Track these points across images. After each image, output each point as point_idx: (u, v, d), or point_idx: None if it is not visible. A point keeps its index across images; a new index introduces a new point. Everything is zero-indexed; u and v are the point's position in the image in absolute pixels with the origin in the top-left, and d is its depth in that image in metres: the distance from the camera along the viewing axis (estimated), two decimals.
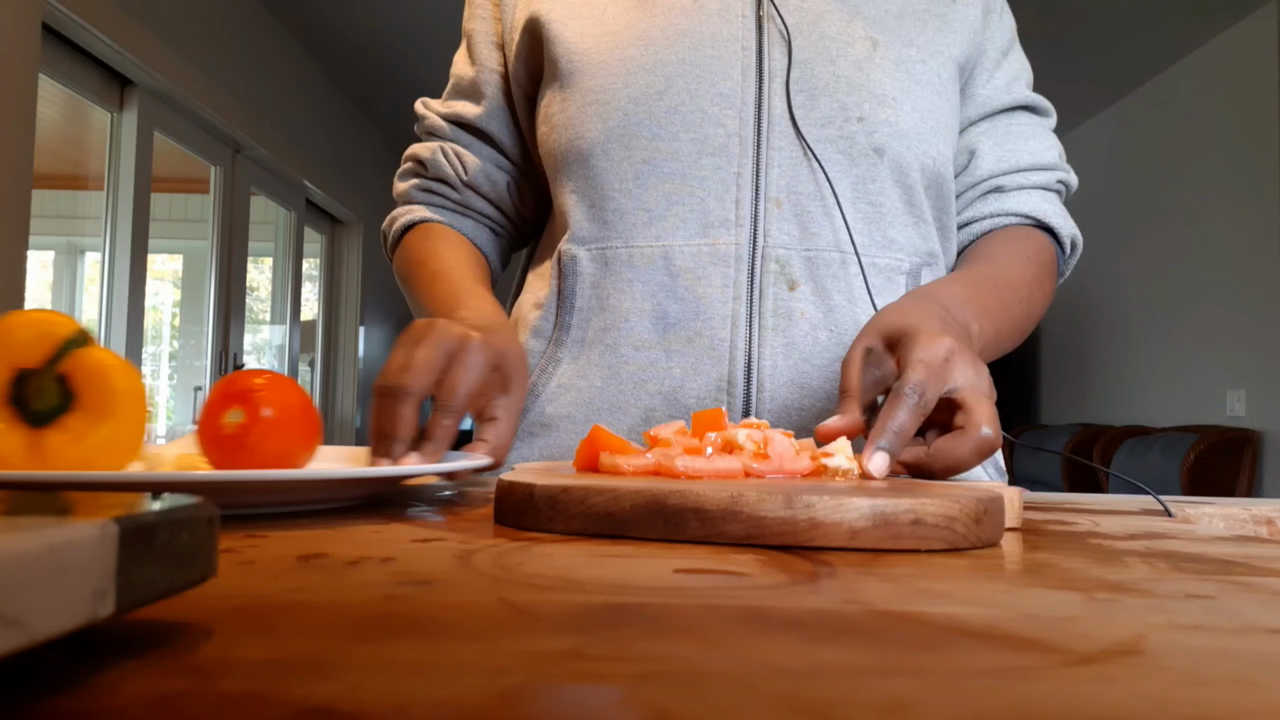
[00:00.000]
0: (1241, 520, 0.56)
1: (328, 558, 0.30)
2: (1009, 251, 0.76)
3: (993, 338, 0.67)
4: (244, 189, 3.60)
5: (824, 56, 0.70)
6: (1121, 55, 4.03)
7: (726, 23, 0.71)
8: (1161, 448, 3.61)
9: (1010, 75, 0.80)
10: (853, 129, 0.70)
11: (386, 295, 5.30)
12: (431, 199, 0.84)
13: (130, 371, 0.44)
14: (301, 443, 0.48)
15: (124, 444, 0.43)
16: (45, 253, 3.46)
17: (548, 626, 0.21)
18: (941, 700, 0.16)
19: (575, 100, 0.72)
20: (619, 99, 0.71)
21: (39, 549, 0.14)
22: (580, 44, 0.73)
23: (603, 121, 0.71)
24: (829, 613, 0.23)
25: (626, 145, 0.70)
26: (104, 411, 0.43)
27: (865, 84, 0.70)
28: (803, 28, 0.71)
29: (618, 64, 0.71)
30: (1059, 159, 0.80)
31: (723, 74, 0.70)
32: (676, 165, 0.70)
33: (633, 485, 0.36)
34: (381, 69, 4.27)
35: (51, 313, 0.43)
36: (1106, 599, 0.26)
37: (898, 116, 0.70)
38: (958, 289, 0.65)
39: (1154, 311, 4.29)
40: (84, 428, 0.42)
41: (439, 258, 0.77)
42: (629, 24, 0.72)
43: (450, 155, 0.82)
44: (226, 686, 0.16)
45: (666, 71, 0.70)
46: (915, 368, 0.50)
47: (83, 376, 0.43)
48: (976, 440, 0.48)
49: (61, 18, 2.39)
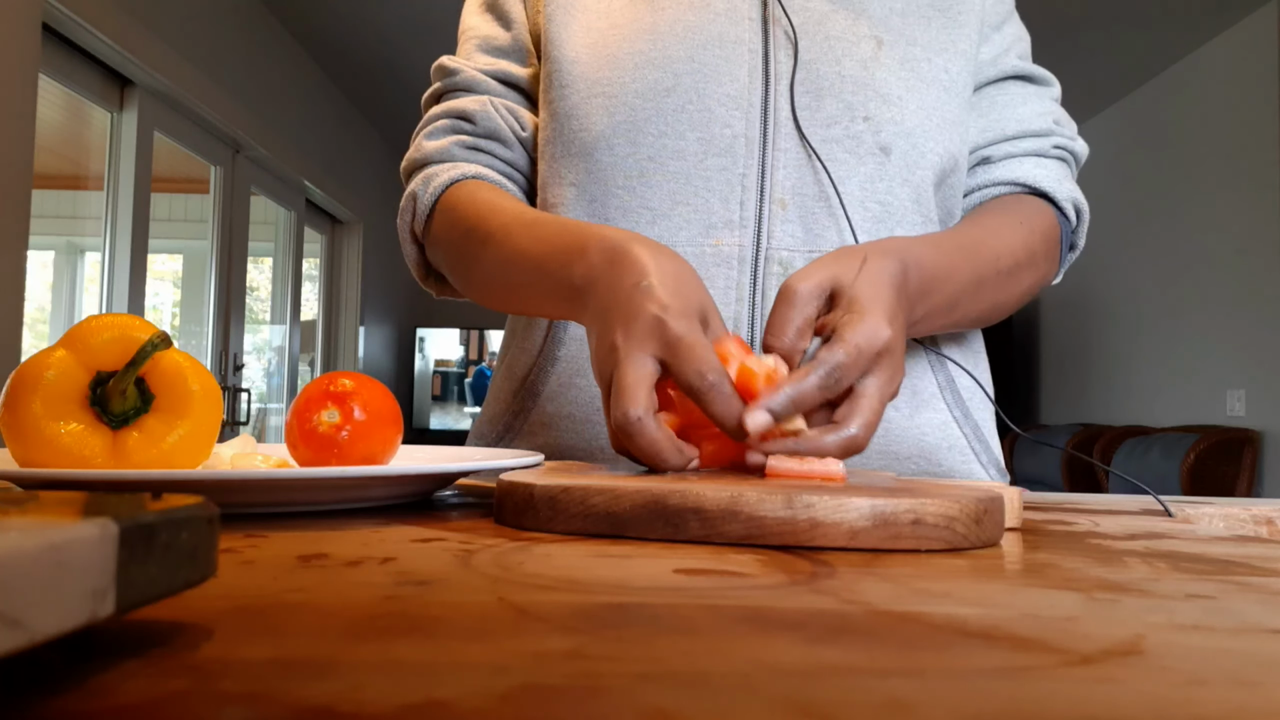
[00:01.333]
0: (1241, 520, 0.56)
1: (328, 558, 0.30)
2: (996, 217, 0.71)
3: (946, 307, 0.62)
4: (244, 189, 3.60)
5: (829, 57, 0.70)
6: (1122, 55, 4.03)
7: (733, 24, 0.71)
8: (1161, 448, 3.61)
9: (999, 48, 0.77)
10: (859, 128, 0.69)
11: (386, 295, 5.29)
12: (479, 157, 0.75)
13: (204, 374, 0.45)
14: (388, 443, 0.51)
15: (199, 444, 0.45)
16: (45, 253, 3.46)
17: (548, 626, 0.21)
18: (941, 700, 0.16)
19: (579, 90, 0.71)
20: (626, 93, 0.70)
21: (39, 549, 0.14)
22: (586, 36, 0.72)
23: (609, 115, 0.70)
24: (829, 613, 0.23)
25: (632, 141, 0.69)
26: (180, 413, 0.44)
27: (870, 83, 0.70)
28: (807, 28, 0.71)
29: (626, 58, 0.70)
30: (1056, 125, 0.76)
31: (729, 75, 0.69)
32: (682, 164, 0.69)
33: (633, 485, 0.36)
34: (381, 69, 4.27)
35: (130, 317, 0.44)
36: (1106, 599, 0.26)
37: (904, 115, 0.70)
38: (927, 251, 0.60)
39: (1154, 311, 4.29)
40: (161, 429, 0.44)
41: (514, 209, 0.66)
42: (635, 17, 0.72)
43: (504, 111, 0.75)
44: (226, 686, 0.16)
45: (675, 68, 0.69)
46: (848, 349, 0.48)
47: (160, 378, 0.44)
48: (845, 438, 0.47)
49: (61, 18, 2.39)
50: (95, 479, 0.38)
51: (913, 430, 0.70)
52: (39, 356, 0.42)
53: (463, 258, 0.70)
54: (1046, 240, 0.72)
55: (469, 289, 0.73)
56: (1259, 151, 3.59)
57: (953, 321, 0.66)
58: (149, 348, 0.42)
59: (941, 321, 0.64)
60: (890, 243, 0.58)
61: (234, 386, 3.48)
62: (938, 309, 0.61)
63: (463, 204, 0.70)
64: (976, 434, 0.73)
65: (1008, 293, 0.69)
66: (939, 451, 0.71)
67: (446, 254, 0.72)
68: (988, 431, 0.75)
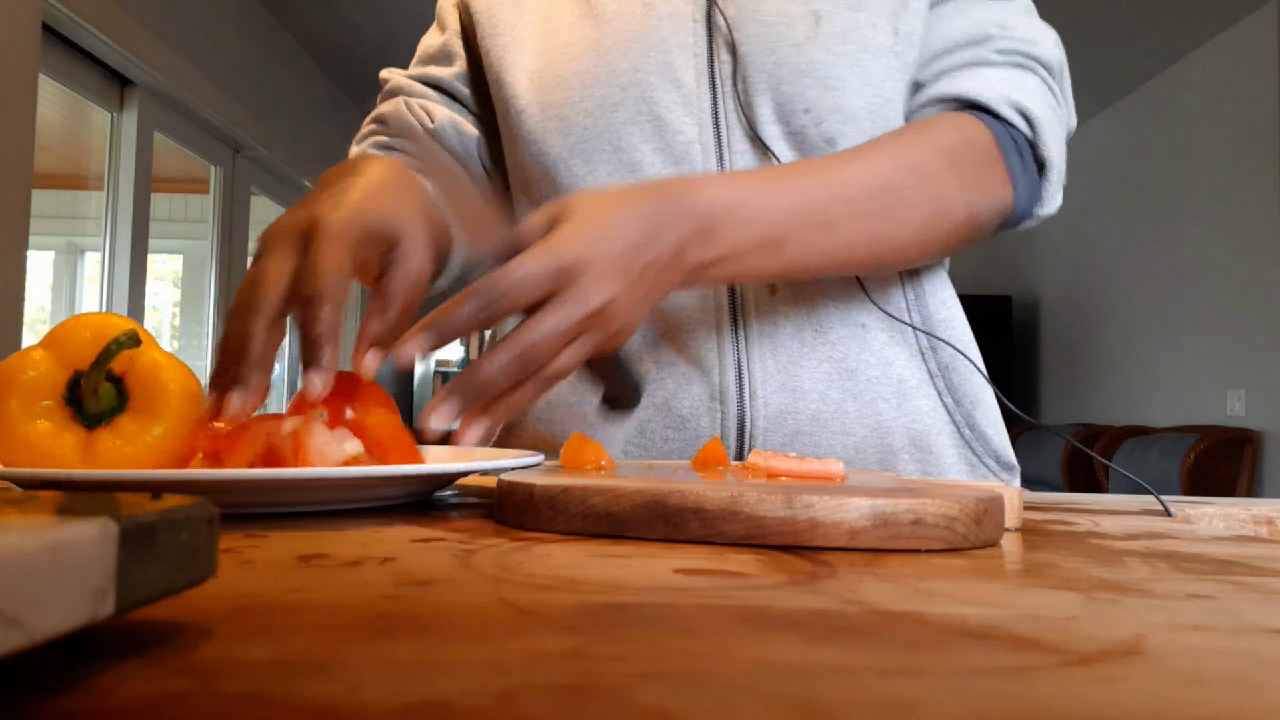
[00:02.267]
0: (1241, 520, 0.56)
1: (328, 558, 0.30)
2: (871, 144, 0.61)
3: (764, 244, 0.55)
4: (244, 189, 3.60)
5: (763, 46, 0.66)
6: (1121, 55, 4.03)
7: (675, 28, 0.68)
8: (1161, 448, 3.61)
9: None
10: (801, 122, 0.65)
11: None
12: (389, 154, 0.74)
13: (184, 373, 0.44)
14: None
15: (176, 445, 0.44)
16: (45, 253, 3.46)
17: (548, 626, 0.21)
18: (941, 700, 0.16)
19: (534, 116, 0.70)
20: (577, 113, 0.68)
21: (39, 549, 0.14)
22: (538, 60, 0.71)
23: (563, 137, 0.69)
24: (829, 613, 0.23)
25: (587, 160, 0.68)
26: (156, 413, 0.43)
27: (808, 69, 0.64)
28: (742, 19, 0.67)
29: (573, 76, 0.69)
30: (1001, 29, 0.65)
31: (675, 81, 0.67)
32: (640, 176, 0.67)
33: (633, 485, 0.36)
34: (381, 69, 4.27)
35: (109, 315, 0.44)
36: (1106, 599, 0.26)
37: (845, 99, 0.64)
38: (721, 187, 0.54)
39: (1154, 311, 4.29)
40: (136, 428, 0.43)
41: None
42: (582, 35, 0.70)
43: (415, 108, 0.77)
44: (226, 686, 0.16)
45: (620, 81, 0.67)
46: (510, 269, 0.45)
47: (137, 378, 0.43)
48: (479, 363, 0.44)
49: (61, 18, 2.39)
50: (96, 479, 0.38)
51: (901, 419, 0.69)
52: (18, 356, 0.42)
53: None
54: (958, 155, 0.61)
55: None
56: (1259, 151, 3.59)
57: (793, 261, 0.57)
58: (114, 346, 0.41)
59: (771, 263, 0.57)
60: (666, 182, 0.54)
61: None
62: (747, 247, 0.55)
63: None
64: (969, 423, 0.72)
65: (887, 223, 0.59)
66: (930, 438, 0.69)
67: None
68: (984, 422, 0.72)
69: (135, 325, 0.43)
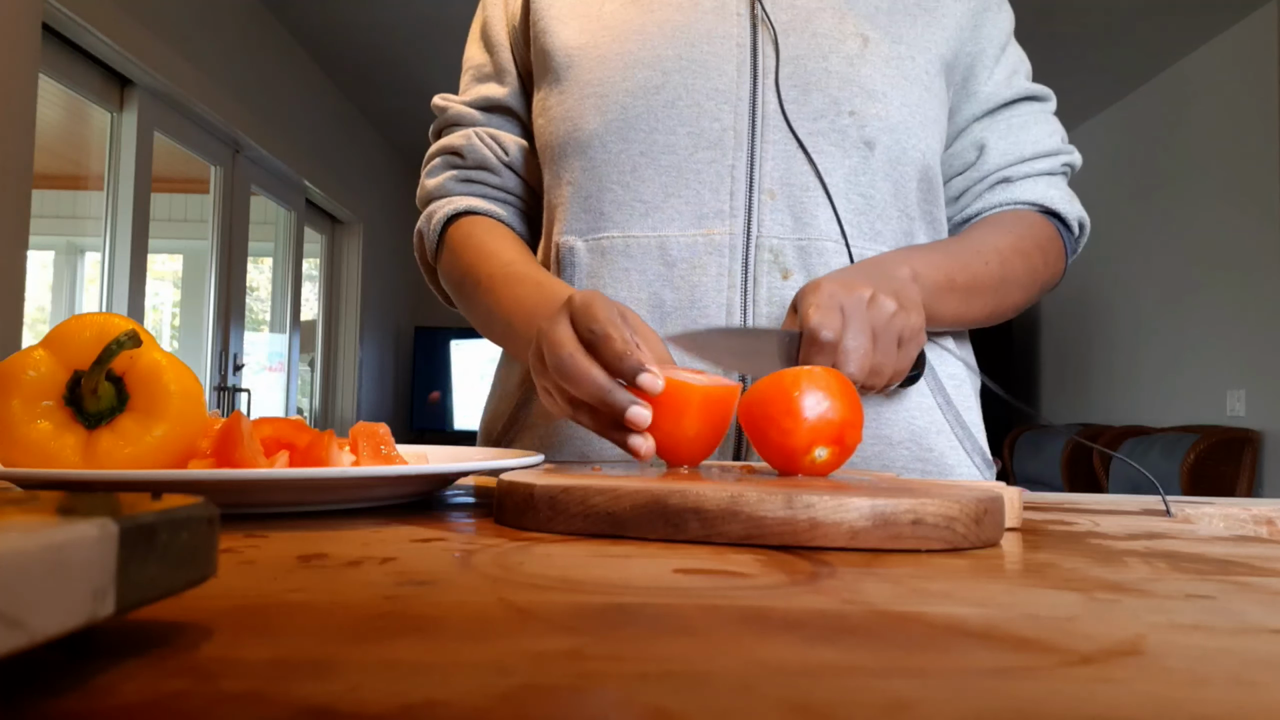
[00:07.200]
0: (1241, 520, 0.56)
1: (328, 558, 0.30)
2: (987, 228, 0.78)
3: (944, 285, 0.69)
4: (244, 189, 3.60)
5: (816, 53, 0.72)
6: (1121, 55, 4.02)
7: (722, 20, 0.73)
8: (1161, 448, 3.61)
9: (1009, 69, 0.81)
10: (844, 122, 0.71)
11: (386, 295, 5.29)
12: (472, 189, 0.82)
13: (185, 374, 0.44)
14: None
15: (176, 445, 0.43)
16: (45, 253, 3.46)
17: (548, 626, 0.21)
18: (941, 700, 0.16)
19: (573, 93, 0.74)
20: (617, 92, 0.72)
21: (39, 549, 0.14)
22: (578, 39, 0.75)
23: (601, 114, 0.73)
24: (829, 613, 0.23)
25: (624, 138, 0.72)
26: (157, 414, 0.43)
27: (856, 79, 0.72)
28: (795, 25, 0.73)
29: (616, 58, 0.73)
30: (1062, 142, 0.82)
31: (718, 70, 0.72)
32: (673, 158, 0.71)
33: (633, 485, 0.36)
34: (381, 69, 4.27)
35: (110, 315, 0.43)
36: (1106, 599, 0.26)
37: (888, 111, 0.72)
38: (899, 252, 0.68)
39: (1154, 311, 4.29)
40: (136, 429, 0.43)
41: (501, 258, 0.74)
42: (626, 19, 0.74)
43: (487, 139, 0.82)
44: (226, 686, 0.16)
45: (664, 66, 0.72)
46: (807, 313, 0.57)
47: (137, 378, 0.43)
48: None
49: (61, 18, 2.39)
50: (96, 479, 0.38)
51: (902, 414, 0.72)
52: (19, 356, 0.42)
53: (459, 299, 0.80)
54: (1044, 248, 0.78)
55: (470, 322, 0.80)
56: (1259, 151, 3.59)
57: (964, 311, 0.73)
58: (114, 346, 0.41)
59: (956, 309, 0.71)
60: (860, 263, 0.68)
61: (234, 387, 3.48)
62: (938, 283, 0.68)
63: (458, 246, 0.78)
64: (959, 421, 0.76)
65: (1001, 300, 0.75)
66: (928, 435, 0.73)
67: (449, 292, 0.82)
68: (970, 420, 0.77)
69: (136, 325, 0.43)
